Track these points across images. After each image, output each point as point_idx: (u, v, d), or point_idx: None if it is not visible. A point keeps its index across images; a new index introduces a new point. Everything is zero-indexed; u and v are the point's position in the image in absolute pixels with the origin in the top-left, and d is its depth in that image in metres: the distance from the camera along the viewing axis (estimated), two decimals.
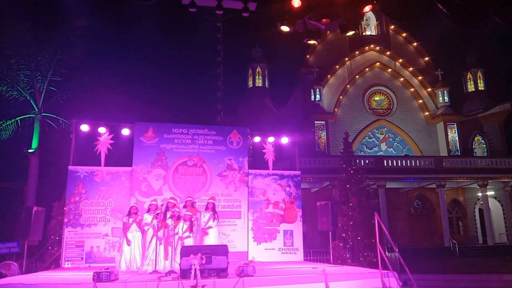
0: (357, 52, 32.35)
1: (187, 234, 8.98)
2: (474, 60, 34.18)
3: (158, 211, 9.23)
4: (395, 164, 27.65)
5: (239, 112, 30.61)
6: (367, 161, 27.20)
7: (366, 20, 33.02)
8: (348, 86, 31.74)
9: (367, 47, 32.45)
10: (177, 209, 9.22)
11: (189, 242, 8.93)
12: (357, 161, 24.10)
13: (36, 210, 9.64)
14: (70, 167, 11.03)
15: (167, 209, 9.28)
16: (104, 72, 20.84)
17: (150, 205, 9.59)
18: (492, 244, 27.05)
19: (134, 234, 9.22)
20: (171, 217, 8.98)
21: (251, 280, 6.90)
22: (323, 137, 30.06)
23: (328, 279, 7.09)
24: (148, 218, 9.27)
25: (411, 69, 32.60)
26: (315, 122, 30.26)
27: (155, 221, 9.07)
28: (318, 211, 11.45)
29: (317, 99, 30.78)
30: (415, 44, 33.85)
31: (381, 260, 8.00)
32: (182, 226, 9.00)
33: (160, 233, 8.96)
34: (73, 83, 19.26)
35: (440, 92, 32.19)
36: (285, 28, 8.06)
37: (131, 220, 9.30)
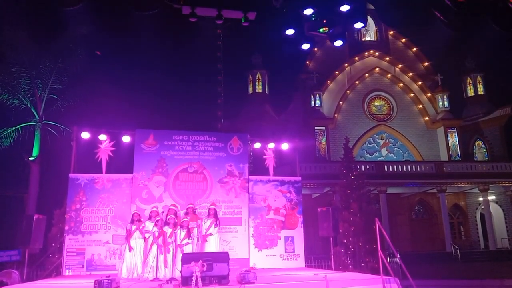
0: (356, 58, 32.46)
1: (185, 241, 8.98)
2: (473, 64, 34.21)
3: (158, 218, 9.25)
4: (395, 170, 27.67)
5: (240, 119, 30.60)
6: (367, 167, 27.21)
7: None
8: (348, 91, 31.83)
9: (366, 53, 32.58)
10: (172, 216, 9.20)
11: (188, 249, 8.92)
12: (358, 166, 24.07)
13: (37, 218, 9.65)
14: (71, 175, 11.05)
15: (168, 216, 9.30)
16: (104, 80, 20.84)
17: (151, 212, 9.62)
18: (494, 249, 26.98)
19: (136, 241, 9.24)
20: (167, 224, 8.99)
21: (252, 287, 6.89)
22: (324, 143, 30.07)
23: (329, 285, 7.08)
24: (149, 225, 9.29)
25: (410, 74, 32.68)
26: (315, 127, 30.32)
27: (155, 228, 9.09)
28: (319, 217, 11.45)
29: (317, 105, 30.84)
30: (414, 49, 33.95)
31: (382, 266, 7.98)
32: (180, 233, 8.99)
33: (160, 240, 8.96)
34: (74, 91, 19.28)
35: (440, 97, 32.24)
36: (290, 32, 8.02)
37: (134, 227, 9.32)
